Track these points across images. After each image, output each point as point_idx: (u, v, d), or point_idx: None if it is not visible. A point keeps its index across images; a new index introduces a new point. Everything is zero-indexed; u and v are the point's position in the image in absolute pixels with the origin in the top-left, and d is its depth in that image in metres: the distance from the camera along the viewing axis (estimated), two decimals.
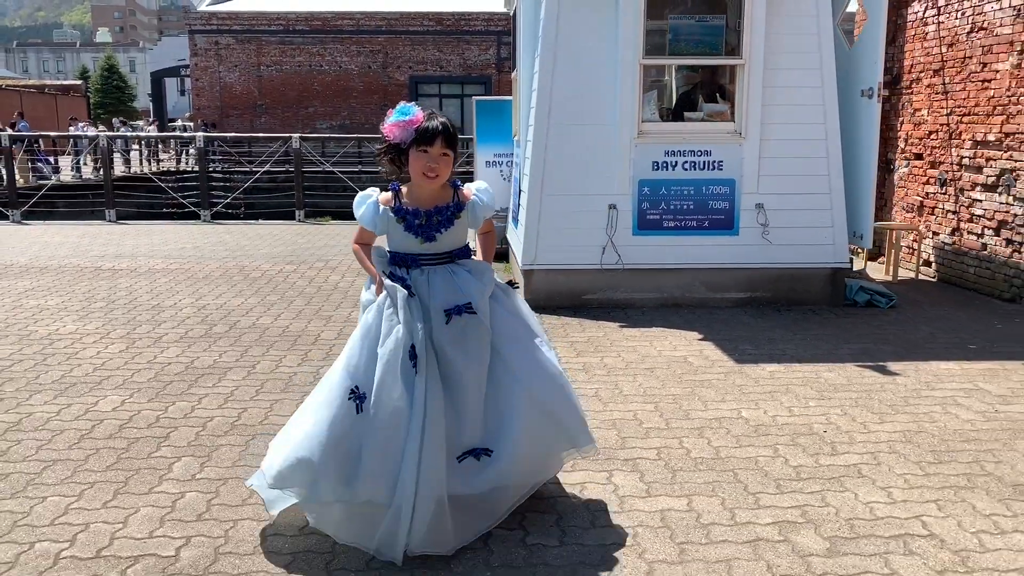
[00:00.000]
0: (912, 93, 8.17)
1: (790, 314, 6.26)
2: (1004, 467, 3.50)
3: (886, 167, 8.66)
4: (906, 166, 8.30)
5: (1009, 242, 6.76)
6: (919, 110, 8.04)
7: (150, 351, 5.20)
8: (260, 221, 12.86)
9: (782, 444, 3.75)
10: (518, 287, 2.80)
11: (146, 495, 3.21)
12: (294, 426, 2.85)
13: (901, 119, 8.38)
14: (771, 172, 6.39)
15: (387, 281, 2.88)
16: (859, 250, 8.37)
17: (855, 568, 2.70)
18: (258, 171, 14.48)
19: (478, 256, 3.13)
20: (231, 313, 6.26)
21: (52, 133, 23.49)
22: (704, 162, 6.41)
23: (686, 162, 6.41)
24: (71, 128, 26.97)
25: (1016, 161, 6.64)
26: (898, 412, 4.16)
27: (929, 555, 2.78)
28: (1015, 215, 6.67)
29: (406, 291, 2.85)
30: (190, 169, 24.20)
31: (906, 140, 8.29)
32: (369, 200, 2.97)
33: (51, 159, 23.38)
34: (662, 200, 6.44)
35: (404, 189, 2.94)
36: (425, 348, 2.79)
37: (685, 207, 6.46)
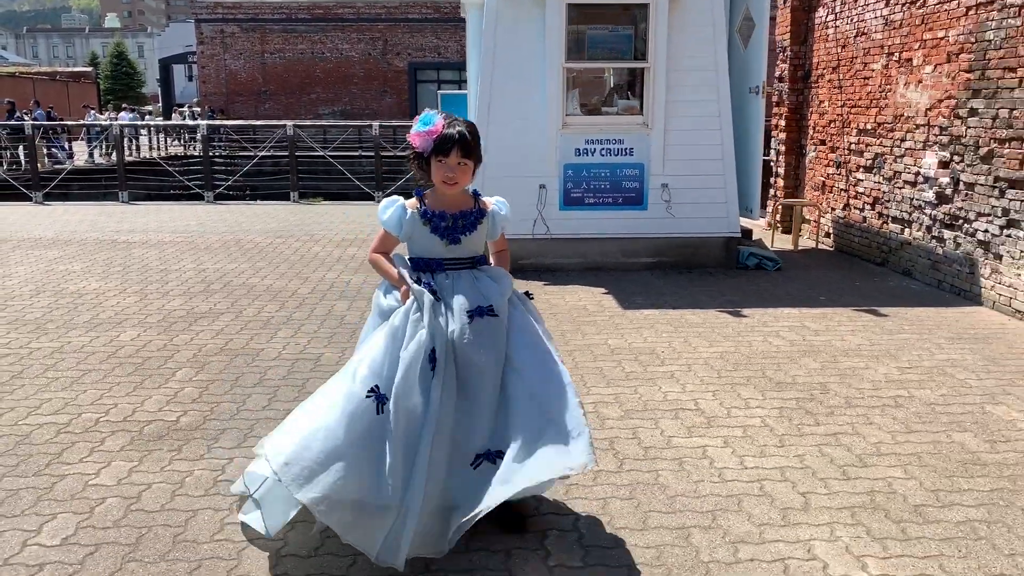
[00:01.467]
0: (818, 87, 9.40)
1: (688, 275, 7.54)
2: (780, 373, 4.80)
3: (800, 152, 9.91)
4: (813, 151, 9.55)
5: (880, 215, 8.02)
6: (823, 102, 9.28)
7: (159, 302, 6.53)
8: (258, 202, 14.19)
9: (626, 360, 5.05)
10: (533, 298, 3.16)
11: (156, 390, 4.54)
12: (305, 422, 2.79)
13: (811, 110, 9.62)
14: (674, 157, 7.66)
15: (414, 286, 2.93)
16: (769, 224, 9.64)
17: (637, 426, 4.01)
18: (256, 156, 15.78)
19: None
20: (226, 275, 7.59)
21: (70, 122, 24.82)
22: (618, 149, 7.69)
23: (603, 149, 7.69)
24: (86, 116, 28.28)
25: (884, 147, 7.89)
26: (726, 340, 5.46)
27: (690, 419, 4.09)
28: (884, 192, 7.92)
29: (432, 296, 2.91)
30: (196, 154, 25.55)
31: (813, 128, 9.53)
32: (396, 204, 3.04)
33: (66, 145, 24.78)
34: (583, 181, 7.72)
35: (428, 195, 3.04)
36: (445, 351, 2.85)
37: (603, 187, 7.74)
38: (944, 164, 6.91)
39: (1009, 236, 6.13)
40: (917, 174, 7.32)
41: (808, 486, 3.36)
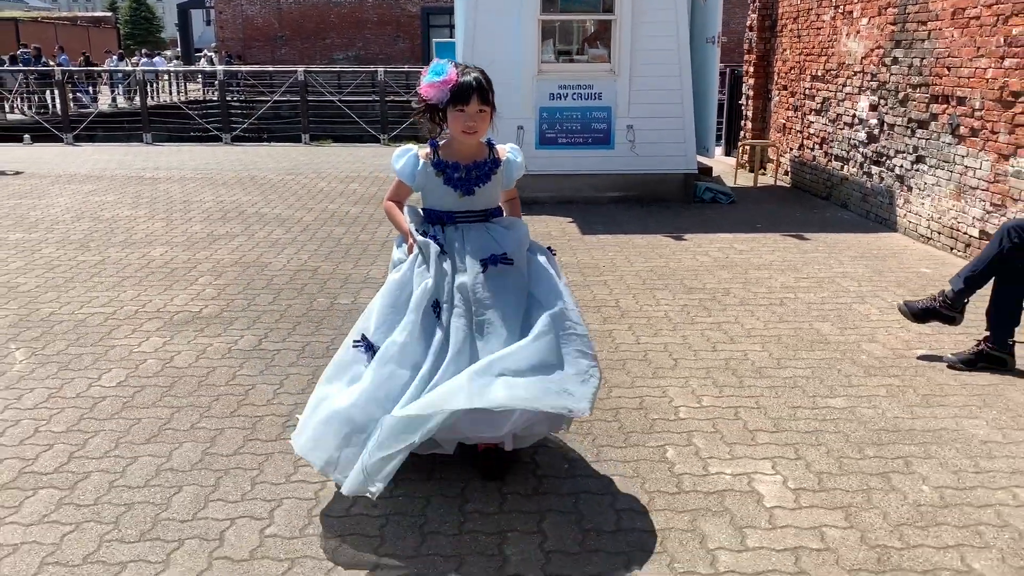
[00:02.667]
0: (782, 36, 10.18)
1: (648, 208, 8.48)
2: (695, 282, 5.77)
3: (767, 96, 10.72)
4: (777, 95, 10.36)
5: (826, 154, 8.88)
6: (785, 50, 10.06)
7: (183, 226, 7.58)
8: (271, 143, 15.17)
9: (571, 272, 6.02)
10: (556, 253, 3.15)
11: (183, 290, 5.59)
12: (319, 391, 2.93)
13: (776, 57, 10.40)
14: (638, 101, 8.53)
15: (419, 238, 2.94)
16: (739, 164, 10.50)
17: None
18: (271, 100, 16.70)
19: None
20: (241, 205, 8.61)
21: (97, 68, 25.76)
22: (588, 93, 8.57)
23: (575, 93, 8.57)
24: (107, 61, 29.20)
25: (830, 91, 8.71)
26: (660, 257, 6.44)
27: (608, 312, 5.08)
28: (829, 132, 8.78)
29: (438, 247, 2.90)
30: (214, 99, 26.44)
31: (777, 74, 10.33)
32: (409, 153, 3.01)
33: (90, 89, 25.76)
34: (557, 122, 8.63)
35: (442, 145, 2.98)
36: (452, 302, 2.84)
37: (574, 128, 8.64)
38: (873, 107, 7.76)
39: (918, 170, 7.02)
40: (853, 116, 8.17)
41: (680, 355, 4.37)
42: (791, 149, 9.89)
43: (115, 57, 31.98)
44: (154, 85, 27.16)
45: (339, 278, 5.86)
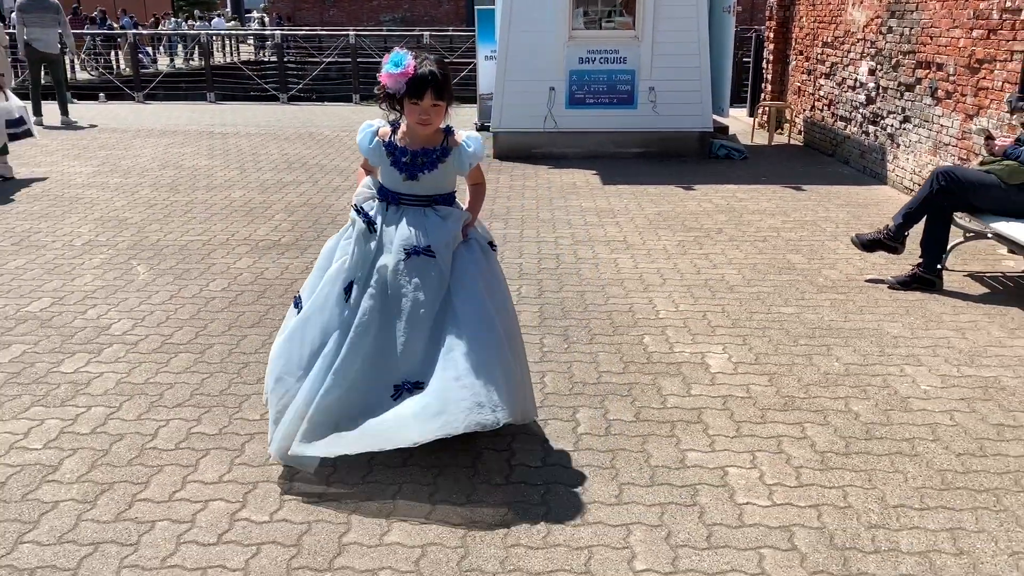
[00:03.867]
0: (799, 4, 10.90)
1: (666, 162, 9.38)
2: (695, 223, 6.72)
3: (785, 61, 11.48)
4: (793, 60, 11.12)
5: (833, 114, 9.68)
6: (802, 17, 10.80)
7: (255, 174, 8.70)
8: (325, 103, 16.25)
9: (589, 214, 7.01)
10: (496, 249, 3.31)
11: (262, 224, 6.68)
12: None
13: (794, 24, 11.14)
14: (660, 65, 9.40)
15: (352, 212, 3.08)
16: (760, 124, 11.31)
17: (579, 248, 6.02)
18: (323, 62, 17.76)
19: (464, 206, 3.22)
20: (303, 157, 9.71)
21: (165, 31, 27.03)
22: (614, 57, 9.46)
23: (602, 58, 9.47)
24: (164, 23, 30.51)
25: (837, 57, 9.49)
26: (668, 204, 7.38)
27: (615, 245, 6.07)
28: (835, 95, 9.57)
29: (364, 225, 3.02)
30: (266, 60, 27.67)
31: (795, 40, 11.07)
32: (369, 130, 3.11)
33: (149, 50, 27.10)
34: (585, 84, 9.54)
35: (401, 127, 3.05)
36: (367, 283, 2.98)
37: (601, 89, 9.56)
38: (872, 72, 8.55)
39: (905, 129, 7.83)
40: (855, 80, 8.96)
41: (669, 276, 5.36)
42: (804, 110, 10.68)
43: (173, 20, 33.35)
44: (204, 47, 28.47)
45: None
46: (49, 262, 5.64)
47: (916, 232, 5.17)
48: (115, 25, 26.20)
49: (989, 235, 5.27)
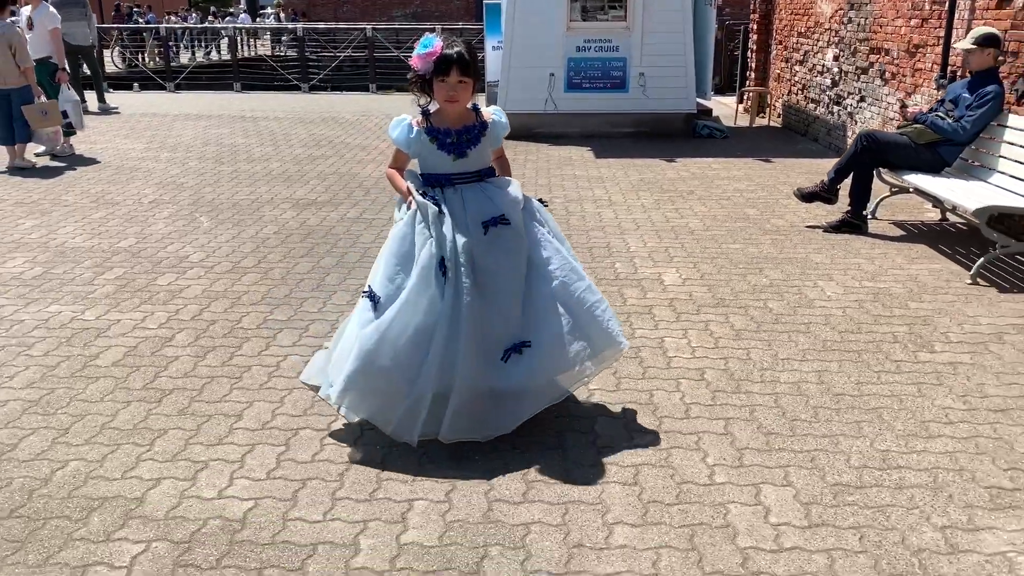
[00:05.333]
0: None
1: (655, 140, 10.44)
2: (670, 186, 7.79)
3: (767, 50, 12.52)
4: (774, 49, 12.16)
5: (805, 97, 10.73)
6: (781, 10, 11.84)
7: (288, 151, 9.82)
8: (344, 92, 17.38)
9: (581, 181, 8.09)
10: (547, 204, 3.44)
11: (299, 188, 7.79)
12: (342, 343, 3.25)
13: (775, 16, 12.18)
14: (649, 53, 10.46)
15: (418, 198, 3.11)
16: (745, 109, 12.36)
17: (571, 205, 7.11)
18: (340, 56, 18.90)
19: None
20: (328, 137, 10.83)
21: (196, 25, 28.20)
22: (608, 46, 10.53)
23: (597, 46, 10.54)
24: (174, 18, 31.71)
25: (809, 45, 10.53)
26: (651, 172, 8.46)
27: (601, 204, 7.15)
28: (807, 80, 10.62)
29: (436, 208, 3.07)
30: (283, 54, 28.87)
31: (776, 31, 12.12)
32: (403, 123, 3.22)
33: (172, 45, 28.29)
34: (582, 70, 10.61)
35: (433, 112, 3.19)
36: (456, 260, 3.03)
37: (596, 75, 10.63)
38: (836, 58, 9.60)
39: (861, 108, 8.89)
40: (823, 66, 10.01)
41: (642, 224, 6.45)
42: (783, 95, 11.73)
43: (193, 15, 34.57)
44: (231, 40, 29.68)
45: None
46: (126, 214, 6.77)
47: (850, 187, 6.24)
48: (139, 20, 27.41)
49: (910, 189, 6.34)
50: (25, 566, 2.50)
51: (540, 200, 3.40)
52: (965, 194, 5.38)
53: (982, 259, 5.15)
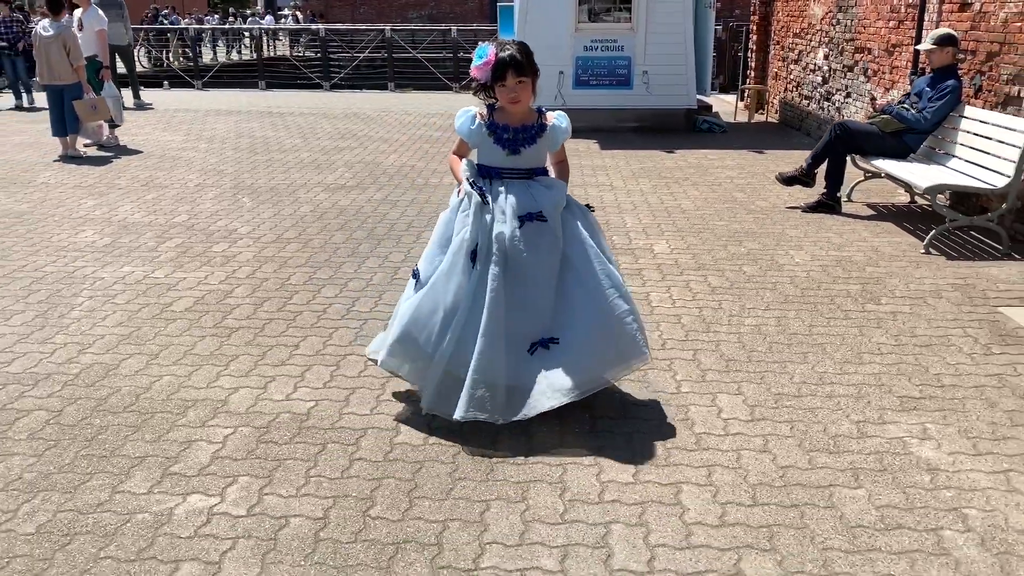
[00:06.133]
0: (777, 1, 12.62)
1: (658, 134, 11.15)
2: (666, 173, 8.50)
3: (766, 50, 13.20)
4: (772, 49, 12.85)
5: (800, 95, 11.41)
6: (778, 12, 12.52)
7: (315, 142, 10.59)
8: (364, 90, 18.17)
9: (586, 169, 8.80)
10: (594, 210, 3.59)
11: (331, 175, 8.55)
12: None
13: (774, 18, 12.86)
14: (652, 52, 11.17)
15: (466, 186, 3.30)
16: (745, 106, 13.04)
17: (579, 191, 7.83)
18: (359, 57, 19.69)
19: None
20: (352, 130, 11.60)
21: (217, 25, 29.08)
22: (613, 46, 11.25)
23: (603, 46, 11.26)
24: (208, 20, 32.61)
25: (803, 46, 11.22)
26: (650, 162, 9.17)
27: (604, 189, 7.87)
28: (801, 78, 11.30)
29: (480, 198, 3.25)
30: (301, 54, 29.76)
31: (773, 32, 12.80)
32: (469, 114, 3.39)
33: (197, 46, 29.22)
34: (590, 69, 11.34)
35: (498, 108, 3.36)
36: (489, 250, 3.21)
37: (603, 73, 11.35)
38: (826, 57, 10.29)
39: (847, 103, 9.57)
40: (815, 64, 10.70)
41: (640, 205, 7.16)
42: (780, 92, 12.41)
43: (213, 17, 35.50)
44: (249, 41, 30.62)
45: (429, 171, 8.78)
46: (175, 196, 7.55)
47: (825, 172, 6.94)
48: (164, 21, 28.33)
49: (881, 174, 7.03)
50: (144, 442, 3.26)
51: (588, 206, 3.55)
52: (922, 175, 6.07)
53: (934, 231, 5.85)
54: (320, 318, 4.56)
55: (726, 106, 13.50)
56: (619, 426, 3.36)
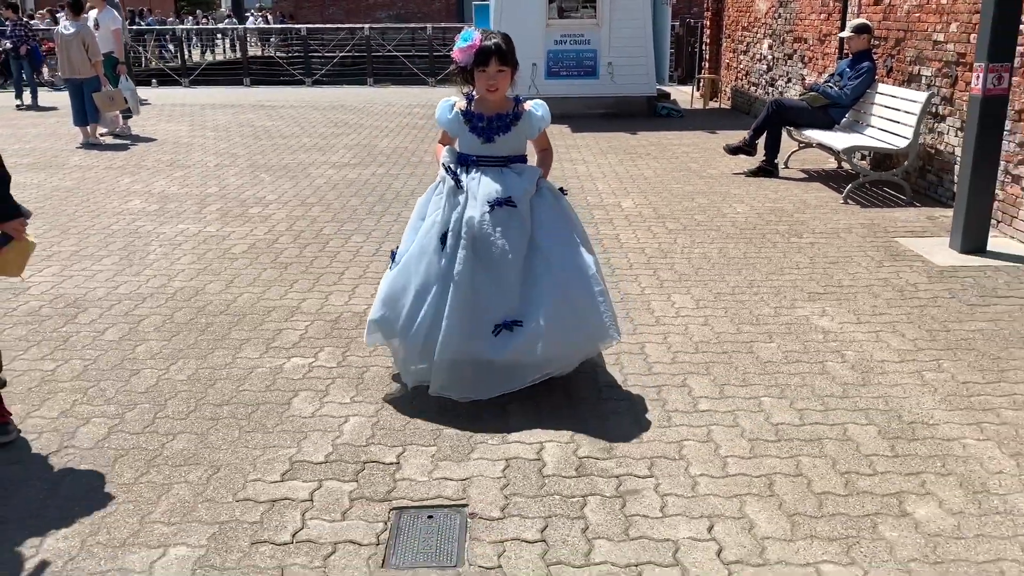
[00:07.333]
0: None
1: (623, 119, 12.32)
2: (631, 151, 9.68)
3: (719, 43, 14.46)
4: (724, 42, 14.11)
5: (748, 82, 12.67)
6: (729, 8, 13.78)
7: (311, 128, 11.62)
8: (344, 86, 19.17)
9: (561, 149, 9.90)
10: (567, 193, 3.67)
11: (334, 155, 9.61)
12: None
13: (725, 13, 14.11)
14: (616, 45, 12.35)
15: (442, 171, 3.46)
16: (701, 94, 14.28)
17: (555, 169, 8.98)
18: (339, 54, 20.69)
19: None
20: (343, 119, 12.64)
21: (208, 25, 29.75)
22: (581, 40, 12.41)
23: (572, 40, 12.42)
24: (185, 20, 33.24)
25: (751, 38, 12.48)
26: (616, 142, 10.35)
27: (578, 164, 9.02)
28: (749, 67, 12.56)
29: (454, 183, 3.40)
30: (273, 54, 30.63)
31: (725, 26, 14.06)
32: (447, 103, 3.49)
33: (171, 47, 29.92)
34: (560, 61, 12.49)
35: (476, 98, 3.45)
36: (459, 233, 3.33)
37: (572, 64, 12.51)
38: (769, 47, 11.55)
39: (788, 87, 10.83)
40: (761, 54, 11.96)
41: (607, 173, 8.32)
42: (731, 81, 13.67)
43: (170, 20, 36.13)
44: (222, 40, 31.38)
45: (422, 151, 9.87)
46: (201, 173, 8.58)
47: (764, 142, 8.15)
48: (140, 23, 29.01)
49: (813, 144, 8.27)
50: (245, 330, 4.33)
51: (561, 189, 3.65)
52: (842, 141, 7.30)
53: (851, 185, 7.09)
54: (355, 256, 5.66)
55: (683, 95, 14.74)
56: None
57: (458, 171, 3.47)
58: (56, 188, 7.89)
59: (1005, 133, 5.74)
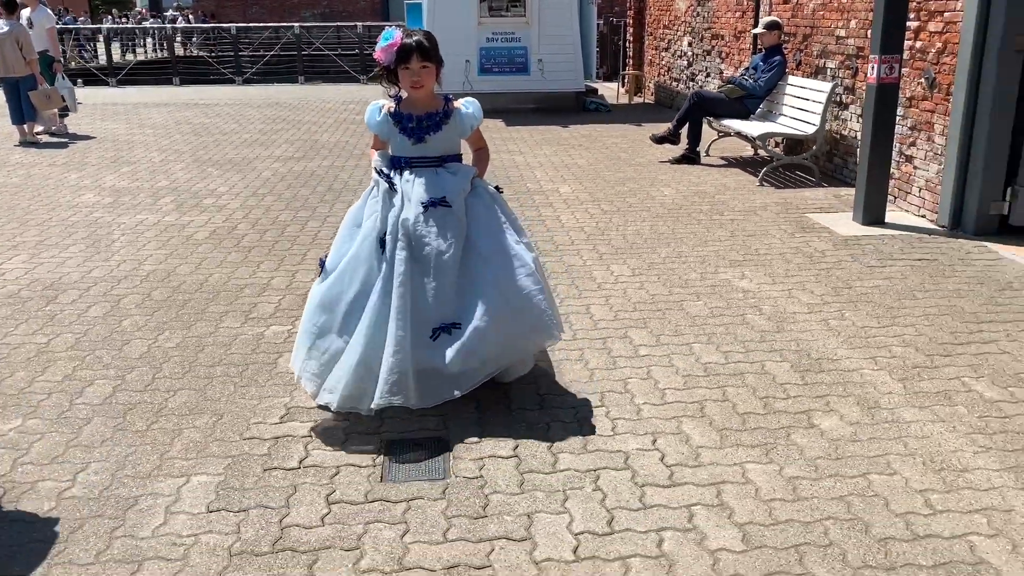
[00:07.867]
0: None
1: (553, 113, 12.86)
2: (565, 143, 10.22)
3: (642, 40, 15.15)
4: (647, 39, 14.80)
5: (670, 78, 13.37)
6: (651, 7, 14.47)
7: (251, 125, 11.82)
8: (275, 84, 19.28)
9: (498, 142, 10.43)
10: (503, 192, 3.65)
11: (278, 149, 9.88)
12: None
13: (647, 12, 14.80)
14: (546, 43, 12.88)
15: (375, 174, 3.42)
16: (626, 90, 14.94)
17: (495, 161, 9.46)
18: (267, 54, 20.76)
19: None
20: (280, 116, 12.86)
21: (131, 24, 29.14)
22: (511, 37, 12.91)
23: (503, 37, 12.91)
24: (104, 20, 32.56)
25: (672, 35, 13.17)
26: (549, 135, 10.88)
27: (517, 155, 9.52)
28: (671, 63, 13.26)
29: (387, 185, 3.36)
30: (195, 54, 30.33)
31: (648, 25, 14.75)
32: (375, 106, 3.46)
33: (89, 45, 29.33)
34: (492, 57, 12.97)
35: (404, 99, 3.41)
36: (396, 236, 3.27)
37: (503, 61, 13.00)
38: (689, 44, 12.25)
39: (707, 81, 11.54)
40: (681, 50, 12.66)
41: (544, 163, 8.84)
42: (655, 77, 14.36)
43: (81, 19, 35.36)
44: (143, 40, 30.87)
45: (364, 145, 10.21)
46: (147, 169, 8.77)
47: (686, 132, 8.78)
48: (60, 22, 28.41)
49: (731, 133, 8.94)
50: (221, 305, 4.68)
51: (496, 188, 3.61)
52: (757, 128, 7.97)
53: (765, 168, 7.76)
54: (314, 239, 6.03)
55: (609, 91, 15.39)
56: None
57: (391, 174, 3.43)
58: (3, 185, 8.00)
59: (898, 118, 6.45)
